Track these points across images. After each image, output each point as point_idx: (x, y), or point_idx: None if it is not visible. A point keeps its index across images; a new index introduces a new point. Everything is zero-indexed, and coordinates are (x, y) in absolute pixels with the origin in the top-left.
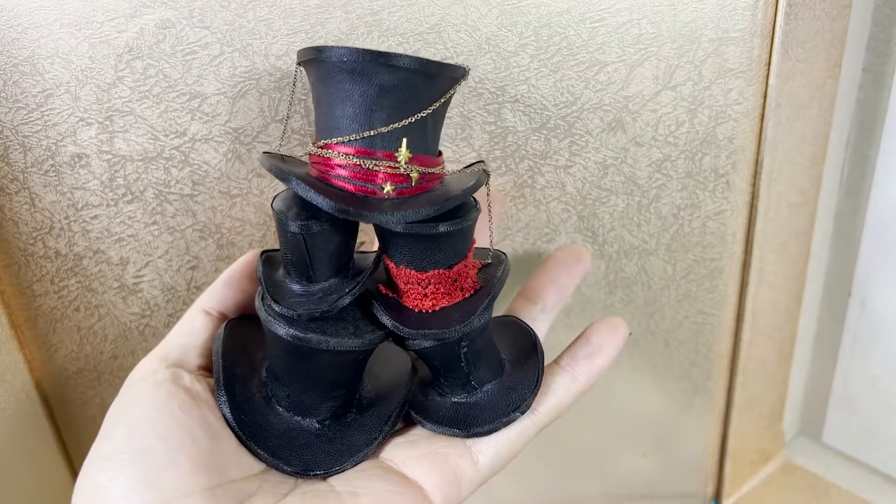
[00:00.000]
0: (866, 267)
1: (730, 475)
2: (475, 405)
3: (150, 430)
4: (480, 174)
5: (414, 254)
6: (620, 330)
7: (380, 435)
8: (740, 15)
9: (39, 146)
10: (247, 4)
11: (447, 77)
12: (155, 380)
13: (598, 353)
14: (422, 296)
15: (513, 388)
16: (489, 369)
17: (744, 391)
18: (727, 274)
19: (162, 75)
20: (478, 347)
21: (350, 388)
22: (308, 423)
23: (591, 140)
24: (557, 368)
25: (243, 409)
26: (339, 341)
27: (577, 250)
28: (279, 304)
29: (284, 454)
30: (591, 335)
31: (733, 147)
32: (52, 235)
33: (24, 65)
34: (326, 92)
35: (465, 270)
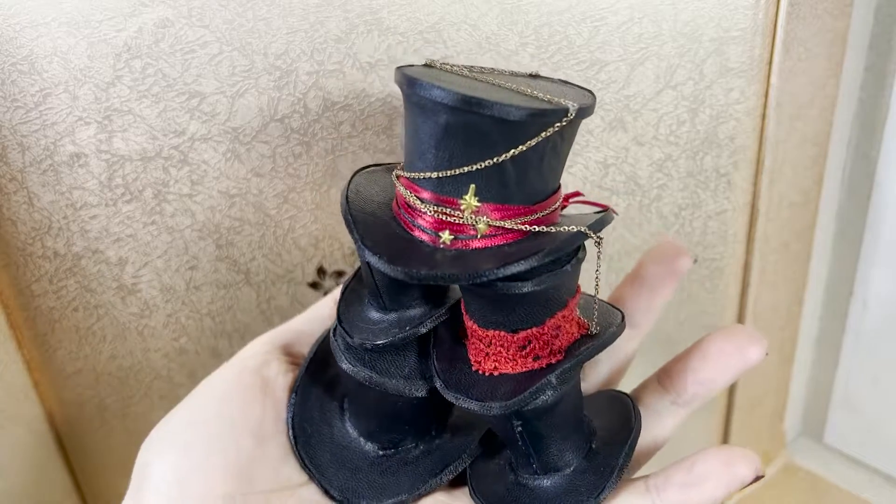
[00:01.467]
0: (868, 267)
1: None
2: (529, 492)
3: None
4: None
5: (474, 308)
6: (737, 471)
7: (423, 486)
8: (742, 14)
9: (38, 146)
10: (246, 3)
11: (521, 120)
12: (243, 361)
13: (699, 485)
14: (484, 354)
15: (576, 489)
16: (560, 457)
17: (745, 392)
18: (728, 274)
19: (161, 74)
20: (538, 430)
21: (414, 427)
22: (369, 448)
23: (591, 139)
24: (641, 486)
25: (310, 417)
26: (386, 382)
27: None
28: (342, 324)
29: (330, 473)
30: (697, 462)
31: (734, 146)
32: (51, 235)
33: (22, 64)
34: (407, 120)
35: (542, 338)
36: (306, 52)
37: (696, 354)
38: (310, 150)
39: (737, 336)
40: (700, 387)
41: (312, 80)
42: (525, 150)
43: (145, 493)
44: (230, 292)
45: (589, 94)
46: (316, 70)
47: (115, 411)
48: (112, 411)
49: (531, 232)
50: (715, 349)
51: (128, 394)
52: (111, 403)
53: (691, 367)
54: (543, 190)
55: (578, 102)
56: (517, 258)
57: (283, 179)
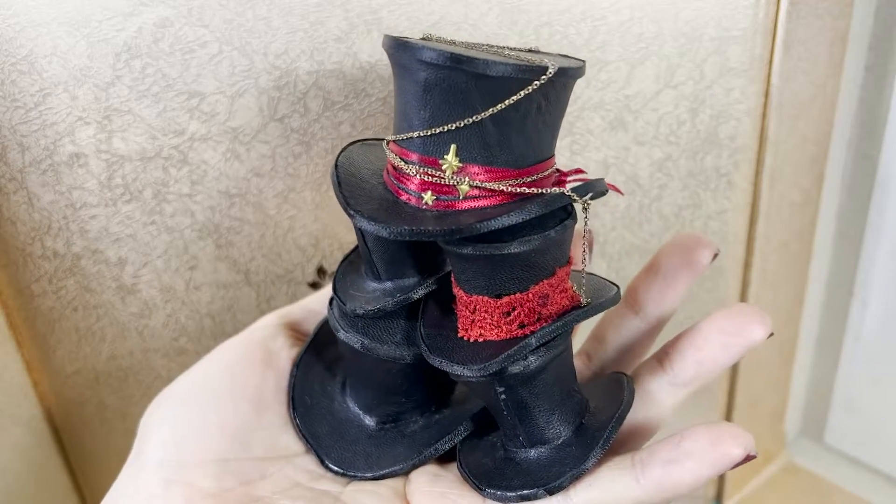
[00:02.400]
0: (868, 267)
1: (731, 476)
2: (516, 464)
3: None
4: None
5: (458, 273)
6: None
7: (418, 458)
8: (742, 14)
9: (37, 146)
10: (245, 3)
11: (500, 77)
12: (251, 336)
13: (683, 461)
14: (470, 321)
15: (561, 460)
16: (545, 429)
17: (745, 392)
18: (729, 274)
19: (160, 74)
20: (522, 399)
21: (410, 397)
22: (368, 422)
23: (592, 139)
24: (626, 461)
25: (310, 389)
26: (380, 348)
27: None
28: (338, 295)
29: (326, 443)
30: (685, 438)
31: (735, 146)
32: (51, 235)
33: (21, 63)
34: (395, 85)
35: (527, 304)
36: (306, 52)
37: (697, 333)
38: (310, 150)
39: (740, 315)
40: (700, 367)
41: (312, 79)
42: (505, 109)
43: (144, 453)
44: (230, 292)
45: (578, 61)
46: (316, 70)
47: (114, 411)
48: (112, 411)
49: (519, 196)
50: (717, 328)
51: (127, 394)
52: (111, 403)
53: (692, 347)
54: (531, 155)
55: (560, 65)
56: (497, 215)
57: (283, 179)
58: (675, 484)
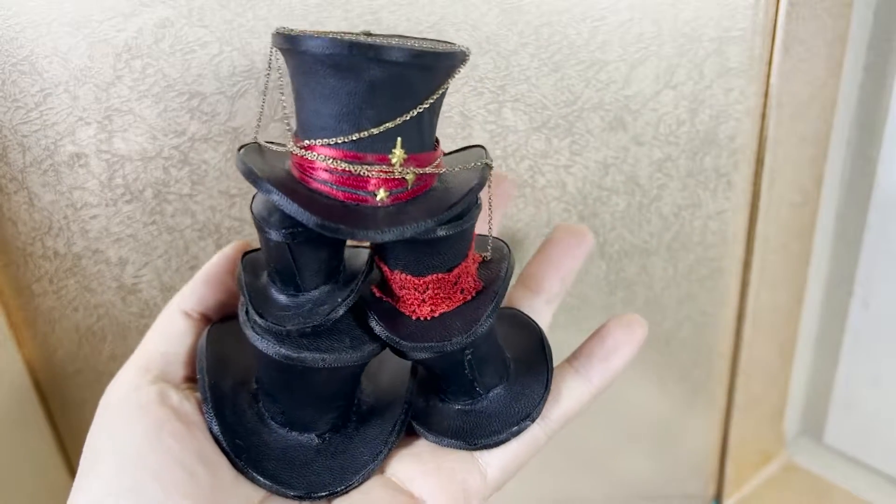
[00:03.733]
0: (868, 267)
1: (731, 475)
2: (481, 413)
3: (143, 467)
4: (483, 169)
5: (410, 259)
6: (637, 329)
7: (385, 448)
8: (741, 14)
9: (38, 146)
10: (245, 3)
11: (445, 67)
12: (139, 401)
13: (614, 353)
14: (419, 301)
15: (521, 393)
16: (495, 373)
17: (745, 391)
18: (728, 274)
19: (161, 74)
20: (482, 354)
21: (349, 399)
22: (307, 439)
23: (591, 139)
24: (570, 370)
25: (237, 432)
26: (336, 357)
27: (577, 229)
28: (266, 319)
29: (286, 476)
30: (607, 335)
31: (734, 146)
32: (51, 235)
33: (22, 64)
34: (308, 86)
35: (466, 270)
36: None
37: (549, 253)
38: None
39: (570, 228)
40: (563, 280)
41: None
42: (436, 99)
43: None
44: None
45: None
46: None
47: None
48: None
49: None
50: (562, 241)
51: None
52: None
53: (552, 265)
54: (433, 138)
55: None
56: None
57: None
58: (615, 371)
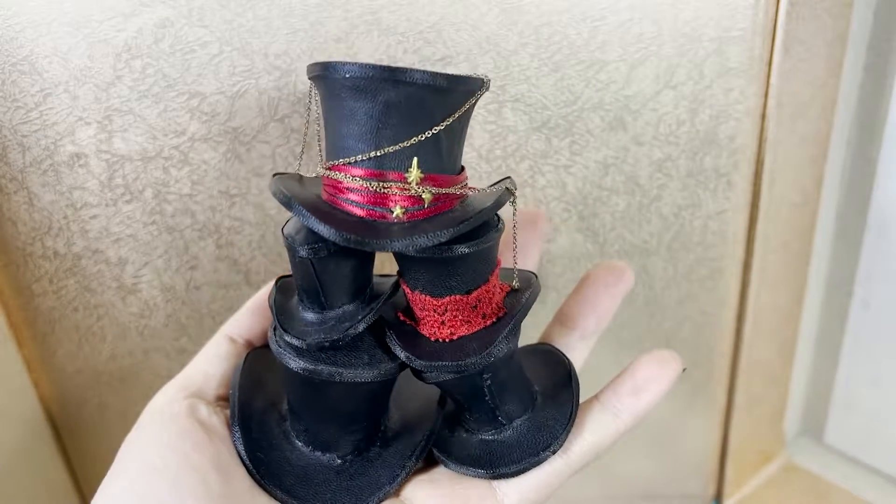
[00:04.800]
0: (868, 267)
1: (731, 475)
2: (503, 443)
3: (161, 472)
4: (502, 192)
5: (428, 278)
6: (672, 364)
7: (402, 472)
8: (741, 14)
9: (38, 146)
10: (246, 3)
11: (460, 91)
12: (171, 412)
13: (645, 389)
14: (439, 324)
15: (544, 424)
16: (518, 403)
17: (745, 391)
18: (728, 274)
19: (161, 74)
20: (503, 379)
21: (372, 421)
22: (328, 459)
23: (591, 139)
24: (597, 405)
25: (260, 446)
26: (352, 372)
27: (617, 268)
28: (289, 333)
29: (302, 492)
30: (637, 369)
31: (734, 146)
32: (51, 235)
33: (22, 64)
34: (333, 110)
35: (487, 296)
36: (306, 52)
37: (587, 291)
38: (310, 150)
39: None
40: (599, 318)
41: None
42: (452, 122)
43: None
44: (230, 292)
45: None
46: None
47: (115, 411)
48: (112, 411)
49: (459, 199)
50: (601, 279)
51: (128, 394)
52: (111, 403)
53: (589, 303)
54: (460, 161)
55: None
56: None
57: None
58: (645, 407)
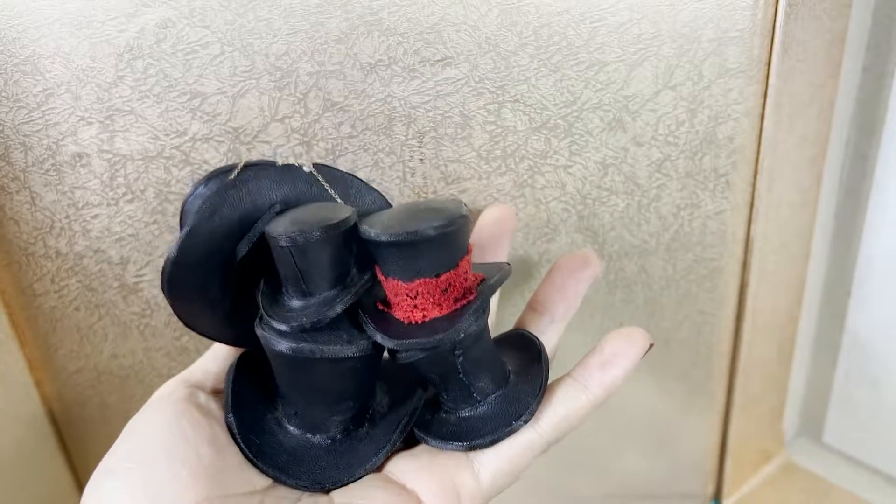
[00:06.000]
0: (866, 267)
1: (730, 475)
2: (479, 418)
3: (156, 443)
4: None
5: (399, 263)
6: (638, 340)
7: (387, 444)
8: (740, 14)
9: (40, 145)
10: (247, 4)
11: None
12: (171, 398)
13: (612, 363)
14: (412, 307)
15: (517, 397)
16: (491, 380)
17: (744, 391)
18: (727, 274)
19: (162, 75)
20: (475, 357)
21: (359, 401)
22: (319, 440)
23: (591, 140)
24: (568, 379)
25: (252, 430)
26: (332, 349)
27: (582, 256)
28: (273, 318)
29: (293, 469)
30: (605, 344)
31: (733, 147)
32: (53, 235)
33: (24, 64)
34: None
35: (458, 280)
36: (307, 53)
37: (554, 278)
38: (310, 150)
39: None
40: (567, 303)
41: (313, 80)
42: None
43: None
44: None
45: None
46: (316, 70)
47: (116, 410)
48: (114, 410)
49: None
50: (566, 267)
51: (129, 393)
52: (113, 402)
53: (557, 289)
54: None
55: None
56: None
57: None
58: (613, 381)
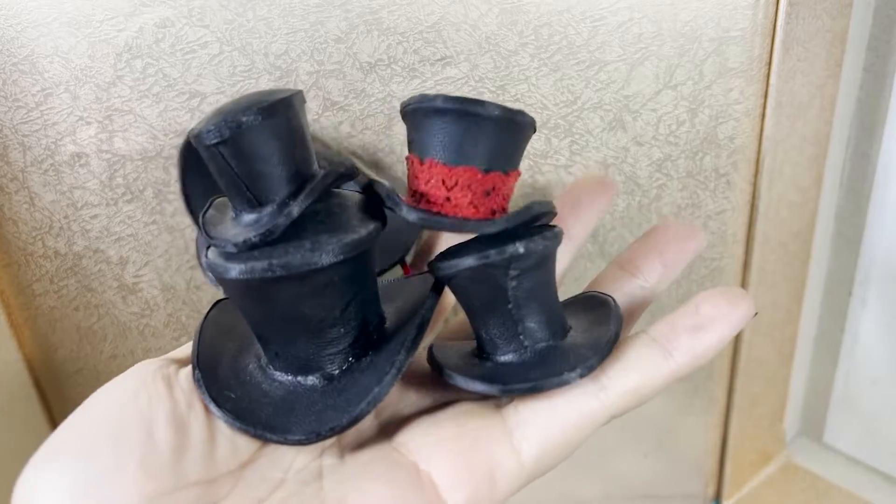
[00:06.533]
0: (867, 267)
1: (730, 475)
2: (522, 364)
3: (104, 428)
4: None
5: (444, 138)
6: (742, 303)
7: (392, 368)
8: (741, 14)
9: (39, 145)
10: (246, 3)
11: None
12: (136, 373)
13: (707, 327)
14: (444, 198)
15: (574, 351)
16: (546, 324)
17: (744, 391)
18: (728, 274)
19: (161, 74)
20: (530, 286)
21: (349, 326)
22: (313, 381)
23: (591, 139)
24: (646, 338)
25: (229, 385)
26: (292, 261)
27: (689, 226)
28: (216, 241)
29: (282, 423)
30: (701, 303)
31: (734, 147)
32: (52, 235)
33: (23, 64)
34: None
35: (503, 189)
36: (306, 52)
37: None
38: None
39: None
40: (666, 270)
41: (312, 79)
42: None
43: None
44: None
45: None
46: (316, 70)
47: None
48: None
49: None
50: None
51: None
52: None
53: (656, 251)
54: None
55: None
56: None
57: None
58: (706, 349)
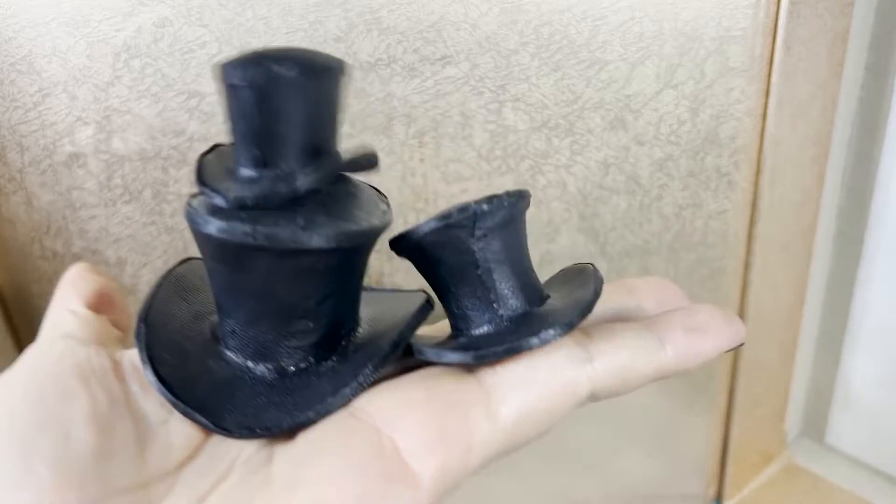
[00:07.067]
0: (869, 267)
1: (732, 476)
2: (498, 334)
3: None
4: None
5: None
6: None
7: (353, 380)
8: (742, 13)
9: (37, 146)
10: (245, 3)
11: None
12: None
13: (701, 332)
14: None
15: (553, 313)
16: (518, 289)
17: (746, 392)
18: (729, 274)
19: (160, 74)
20: (498, 246)
21: (320, 322)
22: (262, 371)
23: (592, 139)
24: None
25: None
26: (279, 234)
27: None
28: (207, 188)
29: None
30: (699, 310)
31: (735, 146)
32: (50, 236)
33: (21, 64)
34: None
35: None
36: None
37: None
38: None
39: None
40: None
41: None
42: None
43: None
44: None
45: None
46: None
47: None
48: None
49: None
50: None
51: None
52: None
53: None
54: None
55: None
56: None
57: None
58: (697, 353)
